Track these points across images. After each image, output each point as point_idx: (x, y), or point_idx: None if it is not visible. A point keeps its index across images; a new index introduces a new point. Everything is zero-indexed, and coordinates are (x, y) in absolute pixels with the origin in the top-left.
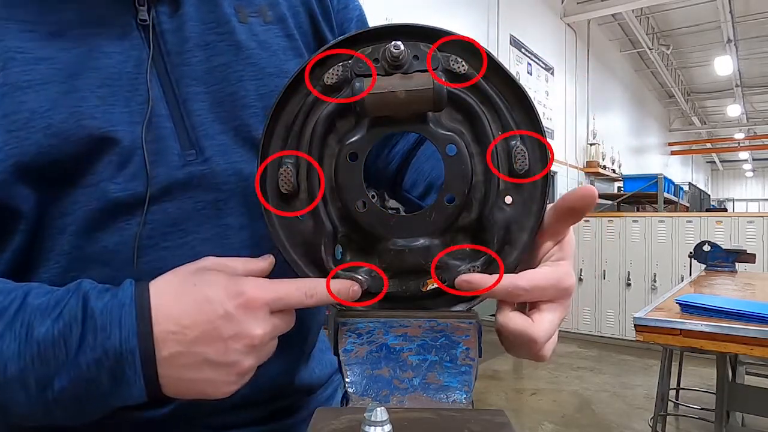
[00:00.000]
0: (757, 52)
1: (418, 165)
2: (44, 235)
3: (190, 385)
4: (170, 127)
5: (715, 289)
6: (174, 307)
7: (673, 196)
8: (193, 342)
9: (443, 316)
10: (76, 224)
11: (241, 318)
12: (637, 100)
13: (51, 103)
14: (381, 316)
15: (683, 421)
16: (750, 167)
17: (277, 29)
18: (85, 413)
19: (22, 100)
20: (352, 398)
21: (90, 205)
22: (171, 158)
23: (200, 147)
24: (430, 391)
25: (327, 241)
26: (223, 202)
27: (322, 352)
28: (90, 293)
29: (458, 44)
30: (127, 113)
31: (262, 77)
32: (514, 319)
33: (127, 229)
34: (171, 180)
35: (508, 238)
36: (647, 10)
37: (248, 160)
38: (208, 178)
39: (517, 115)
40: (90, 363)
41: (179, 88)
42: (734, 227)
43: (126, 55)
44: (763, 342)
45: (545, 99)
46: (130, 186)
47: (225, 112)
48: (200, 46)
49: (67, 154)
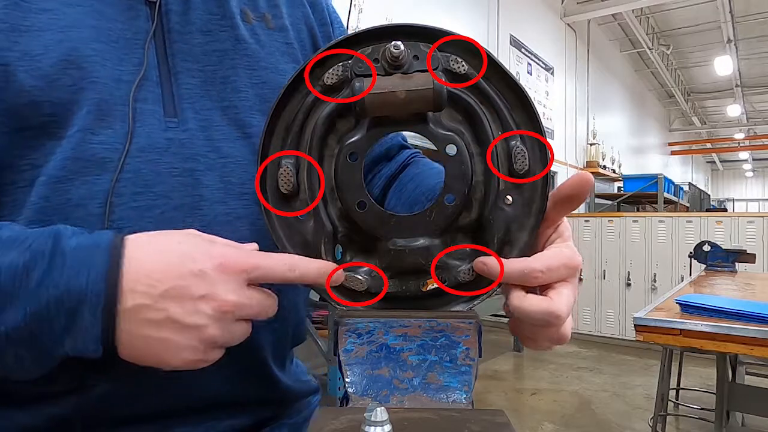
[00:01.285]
0: (757, 52)
1: (401, 187)
2: (10, 188)
3: (147, 344)
4: (157, 93)
5: (715, 289)
6: (148, 260)
7: (673, 196)
8: (161, 296)
9: (443, 316)
10: (46, 175)
11: (215, 279)
12: (637, 100)
13: (43, 49)
14: (381, 316)
15: (683, 421)
16: (750, 167)
17: (278, 36)
18: (32, 359)
19: (16, 41)
20: (352, 398)
21: (63, 155)
22: (152, 120)
23: (184, 117)
24: (430, 391)
25: (327, 241)
26: (200, 173)
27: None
28: (63, 232)
29: (458, 44)
30: (117, 71)
31: (256, 69)
32: (532, 299)
33: (96, 183)
34: (149, 141)
35: (508, 238)
36: (647, 10)
37: (231, 140)
38: (186, 146)
39: (517, 115)
40: (50, 299)
41: (174, 60)
42: (734, 227)
43: (128, 24)
44: (763, 342)
45: (545, 99)
46: (107, 140)
47: (215, 92)
48: (202, 32)
49: (49, 99)
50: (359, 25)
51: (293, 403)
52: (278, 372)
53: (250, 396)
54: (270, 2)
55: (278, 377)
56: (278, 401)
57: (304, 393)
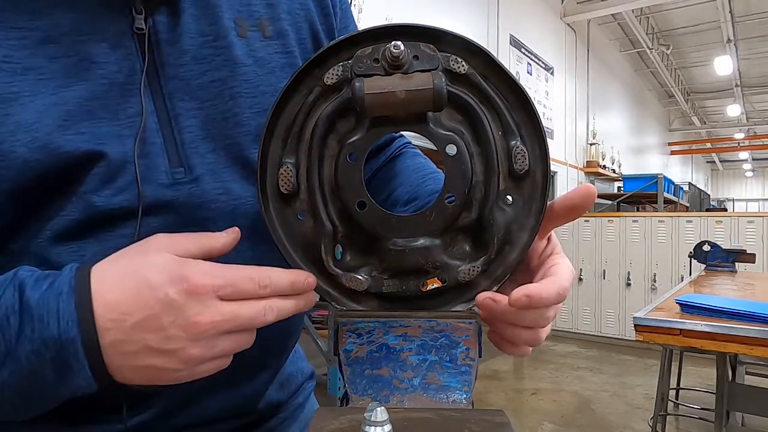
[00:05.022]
0: (757, 52)
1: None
2: (21, 237)
3: (137, 371)
4: (159, 143)
5: (715, 289)
6: (113, 293)
7: (673, 196)
8: (132, 328)
9: (443, 316)
10: (55, 231)
11: (183, 304)
12: (637, 100)
13: (37, 116)
14: (381, 316)
15: (683, 421)
16: (750, 167)
17: (276, 45)
18: (32, 405)
19: (7, 113)
20: (352, 398)
21: (73, 215)
22: (158, 175)
23: (189, 165)
24: (430, 391)
25: (327, 241)
26: (211, 221)
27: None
28: (26, 282)
29: (458, 44)
30: (116, 127)
31: (256, 95)
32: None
33: (109, 240)
34: (158, 197)
35: (508, 238)
36: (647, 10)
37: (238, 180)
38: (196, 196)
39: (517, 115)
40: (30, 355)
41: (171, 102)
42: (734, 227)
43: (119, 65)
44: (763, 342)
45: (545, 99)
46: (116, 200)
47: (216, 130)
48: (196, 60)
49: (52, 168)
50: (359, 25)
51: (278, 407)
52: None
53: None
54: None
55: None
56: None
57: (293, 391)
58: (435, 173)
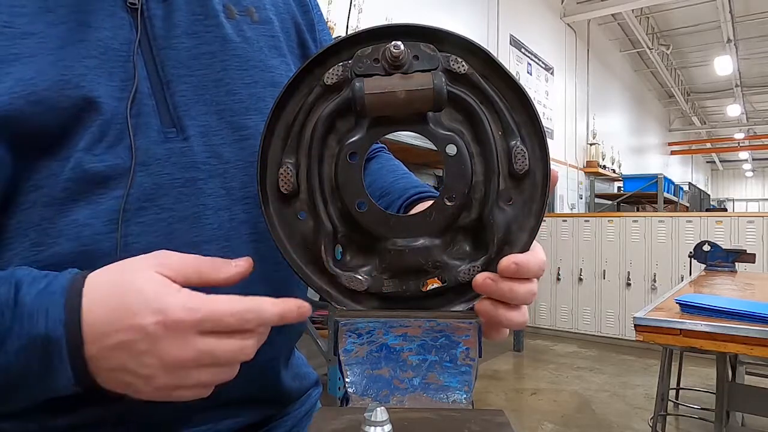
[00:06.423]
0: (757, 52)
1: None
2: (15, 209)
3: (118, 383)
4: (152, 105)
5: (715, 289)
6: (99, 308)
7: (673, 196)
8: (111, 348)
9: (443, 316)
10: (49, 196)
11: (159, 336)
12: (636, 100)
13: (36, 73)
14: (381, 316)
15: (683, 421)
16: (750, 167)
17: (263, 29)
18: (18, 400)
19: (7, 71)
20: (352, 398)
21: (64, 175)
22: (150, 133)
23: (181, 126)
24: (430, 391)
25: (327, 241)
26: (202, 182)
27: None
28: (23, 281)
29: (458, 44)
30: (110, 88)
31: (247, 68)
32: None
33: (101, 202)
34: (149, 154)
35: (508, 238)
36: (647, 10)
37: (230, 144)
38: (187, 155)
39: (517, 115)
40: (18, 350)
41: (164, 69)
42: (734, 227)
43: (113, 32)
44: (763, 342)
45: (545, 99)
46: (107, 158)
47: (209, 96)
48: (188, 34)
49: (48, 122)
50: (359, 25)
51: (294, 400)
52: (282, 370)
53: (254, 395)
54: None
55: (282, 376)
56: (279, 400)
57: (304, 388)
58: (407, 174)
